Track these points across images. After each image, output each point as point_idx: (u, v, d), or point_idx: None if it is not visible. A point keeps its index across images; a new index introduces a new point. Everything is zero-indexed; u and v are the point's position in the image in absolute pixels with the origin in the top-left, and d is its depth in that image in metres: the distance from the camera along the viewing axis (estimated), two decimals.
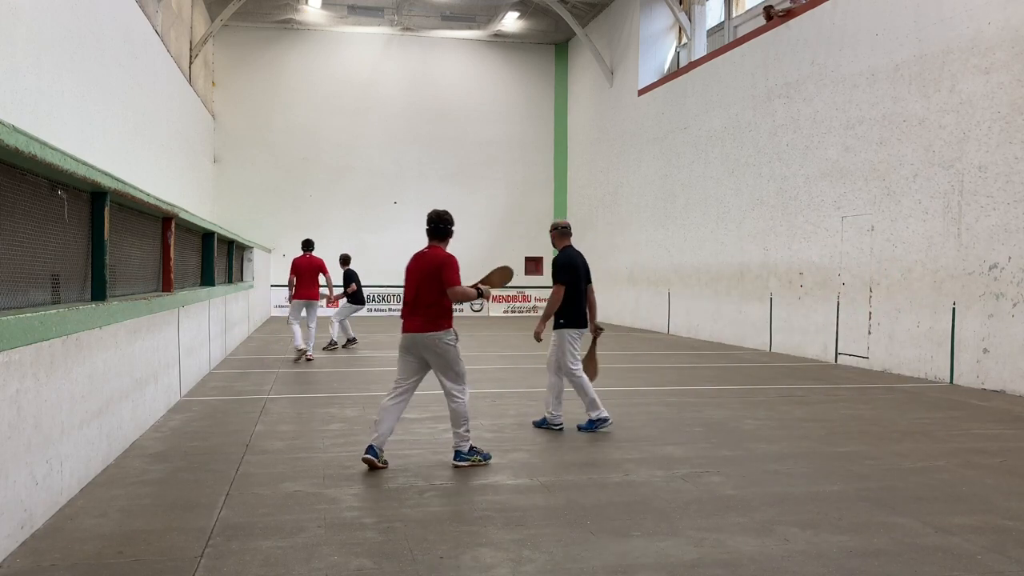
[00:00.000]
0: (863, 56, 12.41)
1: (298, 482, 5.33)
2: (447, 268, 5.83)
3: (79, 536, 4.19)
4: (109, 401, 5.68)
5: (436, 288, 5.83)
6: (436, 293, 5.83)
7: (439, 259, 5.88)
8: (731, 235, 16.25)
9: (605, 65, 22.57)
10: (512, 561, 3.93)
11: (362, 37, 25.09)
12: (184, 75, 19.03)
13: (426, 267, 5.86)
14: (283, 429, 7.14)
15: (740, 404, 8.72)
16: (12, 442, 3.92)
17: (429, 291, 5.83)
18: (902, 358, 11.46)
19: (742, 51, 15.93)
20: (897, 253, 11.63)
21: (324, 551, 4.02)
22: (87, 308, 4.93)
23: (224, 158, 24.19)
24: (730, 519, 4.63)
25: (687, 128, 18.14)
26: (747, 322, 15.60)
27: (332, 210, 25.02)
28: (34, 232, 4.55)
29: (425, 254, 5.97)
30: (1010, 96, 9.88)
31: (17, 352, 3.94)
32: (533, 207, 26.51)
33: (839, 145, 12.94)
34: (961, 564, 3.95)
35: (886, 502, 5.00)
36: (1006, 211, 9.87)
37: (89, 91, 11.44)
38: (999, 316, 9.89)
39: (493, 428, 7.25)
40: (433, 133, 25.60)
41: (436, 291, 5.83)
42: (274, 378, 10.52)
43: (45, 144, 4.16)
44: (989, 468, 5.94)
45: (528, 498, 5.02)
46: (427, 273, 5.83)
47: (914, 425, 7.63)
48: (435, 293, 5.83)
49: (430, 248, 6.02)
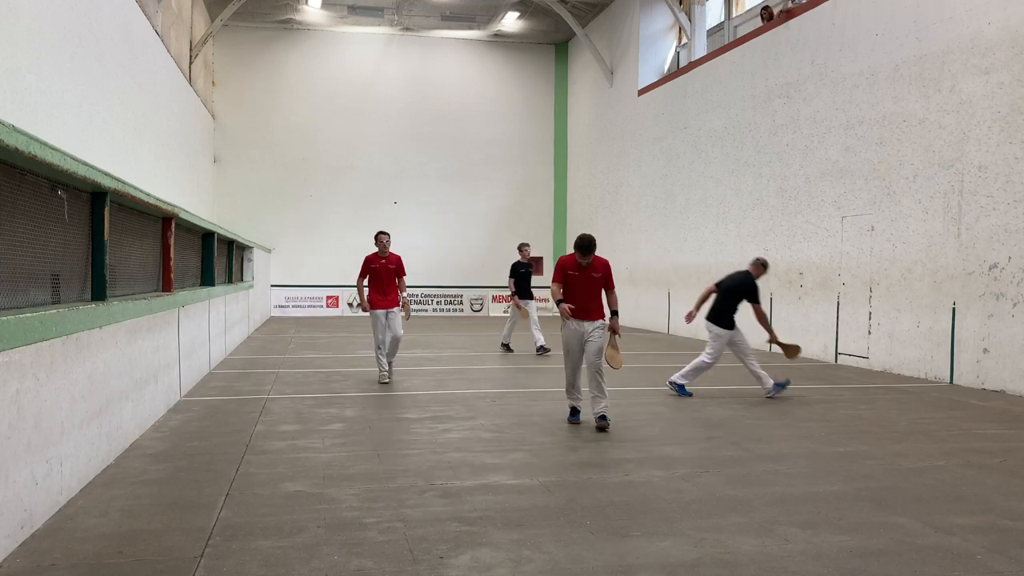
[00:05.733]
0: (863, 56, 12.41)
1: (298, 482, 5.33)
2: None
3: (79, 536, 4.19)
4: (109, 401, 5.68)
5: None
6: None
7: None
8: (731, 235, 16.25)
9: (605, 65, 22.57)
10: (512, 561, 3.93)
11: (362, 37, 25.08)
12: (184, 75, 19.03)
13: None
14: (283, 429, 7.14)
15: (740, 404, 8.72)
16: (12, 442, 3.92)
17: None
18: (902, 358, 11.46)
19: (742, 51, 15.93)
20: (897, 253, 11.63)
21: (324, 551, 4.02)
22: (87, 308, 4.93)
23: (224, 158, 24.18)
24: (730, 519, 4.63)
25: (687, 128, 18.14)
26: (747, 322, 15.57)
27: (332, 210, 25.02)
28: (34, 232, 4.55)
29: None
30: (1010, 96, 9.88)
31: (17, 352, 3.94)
32: (533, 207, 26.50)
33: (839, 145, 12.94)
34: (961, 564, 3.95)
35: (886, 502, 5.00)
36: (1006, 211, 9.87)
37: (89, 91, 11.44)
38: (999, 316, 9.89)
39: (493, 428, 7.25)
40: (433, 133, 25.60)
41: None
42: (274, 378, 10.52)
43: (45, 144, 4.16)
44: (989, 468, 5.94)
45: (528, 498, 5.02)
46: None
47: (914, 425, 7.63)
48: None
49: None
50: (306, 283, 24.78)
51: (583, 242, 7.25)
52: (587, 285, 7.34)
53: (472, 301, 25.93)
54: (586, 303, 7.32)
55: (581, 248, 7.24)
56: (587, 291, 7.34)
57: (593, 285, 7.35)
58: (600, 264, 7.42)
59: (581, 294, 7.32)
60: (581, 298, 7.30)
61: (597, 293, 7.37)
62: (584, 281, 7.33)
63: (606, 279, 7.44)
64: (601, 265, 7.42)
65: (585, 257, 7.26)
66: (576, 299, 7.30)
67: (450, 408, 8.27)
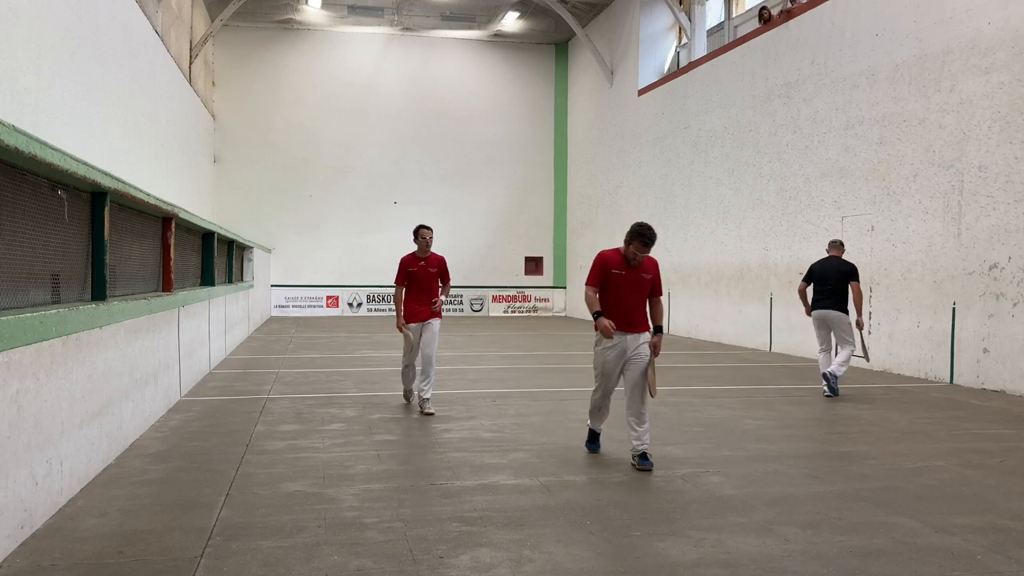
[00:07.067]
0: (863, 56, 12.41)
1: (298, 482, 5.33)
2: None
3: (79, 536, 4.19)
4: (109, 401, 5.68)
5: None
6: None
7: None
8: (731, 235, 16.25)
9: (605, 65, 22.57)
10: (512, 561, 3.92)
11: (362, 37, 25.09)
12: (184, 75, 19.03)
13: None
14: (283, 429, 7.14)
15: (740, 404, 8.72)
16: (12, 442, 3.92)
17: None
18: (902, 358, 11.46)
19: (742, 51, 15.93)
20: (897, 253, 11.63)
21: (324, 551, 4.02)
22: (87, 308, 4.93)
23: (224, 158, 24.19)
24: (730, 519, 4.63)
25: (687, 128, 18.13)
26: (747, 322, 15.60)
27: (332, 210, 25.03)
28: (34, 232, 4.55)
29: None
30: (1010, 96, 9.88)
31: (17, 352, 3.94)
32: (533, 207, 26.51)
33: (839, 145, 12.94)
34: (961, 564, 3.95)
35: (886, 502, 5.00)
36: (1006, 211, 9.87)
37: (89, 91, 11.44)
38: (999, 316, 9.89)
39: (493, 428, 7.25)
40: (433, 133, 25.60)
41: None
42: (274, 378, 10.52)
43: (45, 144, 4.16)
44: (989, 468, 5.94)
45: (528, 498, 5.02)
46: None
47: (914, 425, 7.63)
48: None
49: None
50: (306, 283, 24.79)
51: (646, 231, 5.75)
52: (635, 289, 5.91)
53: (472, 301, 25.96)
54: (633, 312, 5.92)
55: (641, 237, 5.74)
56: (635, 297, 5.92)
57: (642, 289, 5.95)
58: (651, 264, 6.01)
59: (628, 300, 5.89)
60: (627, 305, 5.89)
61: (644, 299, 6.01)
62: (632, 284, 5.89)
63: (655, 282, 6.02)
64: (652, 265, 6.02)
65: (642, 251, 5.80)
66: (620, 307, 5.88)
67: (450, 408, 8.27)
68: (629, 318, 5.90)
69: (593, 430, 6.40)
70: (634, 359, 5.92)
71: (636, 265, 5.87)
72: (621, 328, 5.87)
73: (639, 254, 5.79)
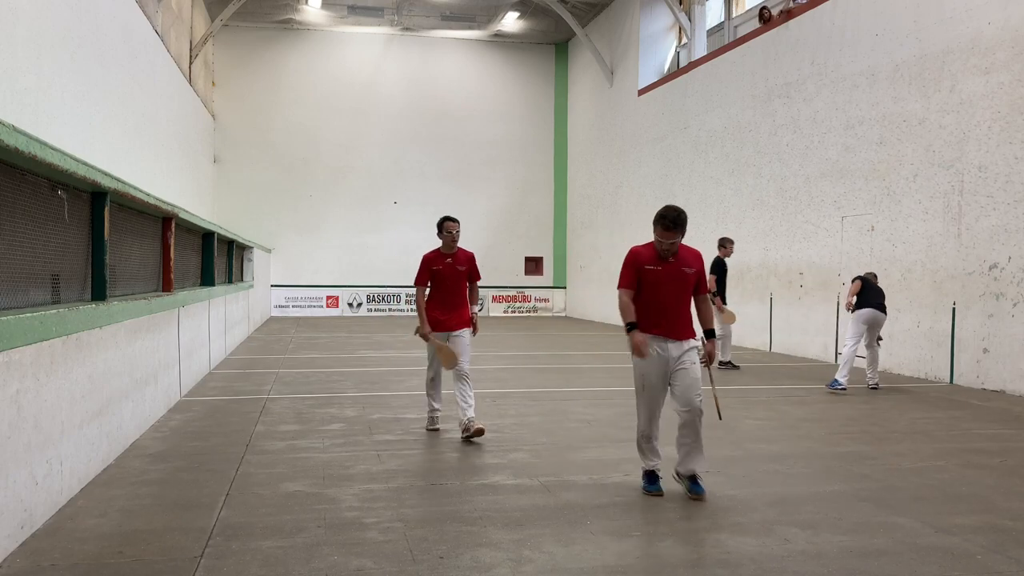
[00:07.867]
0: (863, 56, 12.41)
1: (298, 482, 5.33)
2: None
3: (79, 536, 4.19)
4: (109, 401, 5.68)
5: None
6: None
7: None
8: (731, 235, 16.22)
9: (605, 65, 22.57)
10: (512, 561, 3.92)
11: (362, 37, 25.08)
12: (184, 75, 19.03)
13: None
14: (283, 429, 7.14)
15: (740, 404, 8.72)
16: (12, 442, 3.92)
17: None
18: (902, 358, 11.46)
19: (742, 51, 15.93)
20: (897, 253, 11.63)
21: (324, 551, 4.02)
22: (87, 308, 4.93)
23: (224, 158, 24.19)
24: (730, 519, 4.63)
25: (687, 128, 18.13)
26: (747, 322, 15.59)
27: (332, 210, 25.03)
28: (34, 232, 4.55)
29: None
30: (1010, 96, 9.88)
31: (17, 352, 3.94)
32: (533, 207, 26.51)
33: (839, 145, 12.94)
34: (961, 564, 3.95)
35: (886, 502, 5.00)
36: (1006, 211, 9.87)
37: (89, 91, 11.44)
38: (999, 316, 9.89)
39: (493, 428, 7.24)
40: (433, 133, 25.60)
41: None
42: (274, 378, 10.52)
43: (45, 144, 4.16)
44: (989, 468, 5.94)
45: (528, 498, 5.02)
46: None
47: (914, 425, 7.63)
48: None
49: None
50: (306, 283, 24.79)
51: (668, 212, 4.85)
52: (675, 286, 4.97)
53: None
54: (673, 314, 4.98)
55: (663, 220, 4.83)
56: (675, 296, 4.98)
57: (684, 286, 5.00)
58: (693, 256, 5.08)
59: (666, 300, 4.97)
60: (666, 307, 4.97)
61: (687, 298, 5.06)
62: (670, 280, 4.96)
63: (699, 278, 5.10)
64: (694, 257, 5.08)
65: (671, 238, 4.86)
66: (658, 309, 4.97)
67: (450, 408, 8.26)
68: (670, 322, 4.98)
69: (650, 469, 5.20)
70: (681, 370, 4.97)
71: (671, 258, 4.96)
72: (659, 333, 4.96)
73: (665, 241, 4.87)
